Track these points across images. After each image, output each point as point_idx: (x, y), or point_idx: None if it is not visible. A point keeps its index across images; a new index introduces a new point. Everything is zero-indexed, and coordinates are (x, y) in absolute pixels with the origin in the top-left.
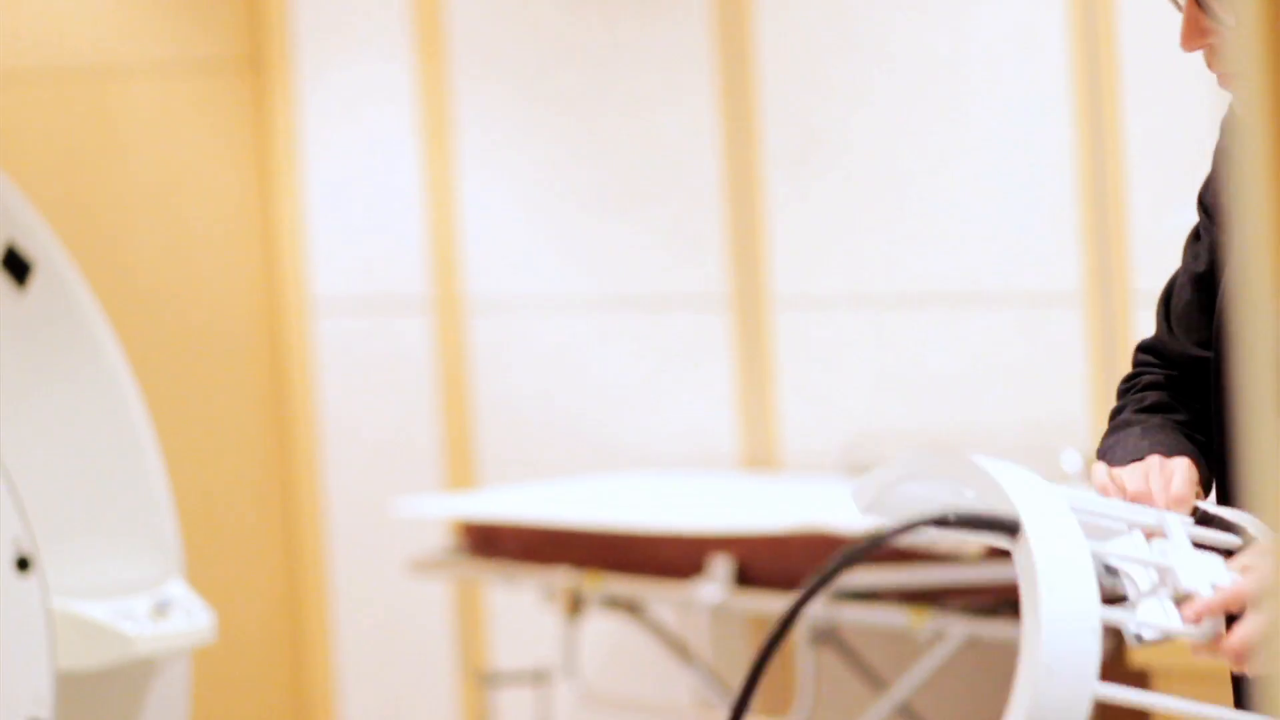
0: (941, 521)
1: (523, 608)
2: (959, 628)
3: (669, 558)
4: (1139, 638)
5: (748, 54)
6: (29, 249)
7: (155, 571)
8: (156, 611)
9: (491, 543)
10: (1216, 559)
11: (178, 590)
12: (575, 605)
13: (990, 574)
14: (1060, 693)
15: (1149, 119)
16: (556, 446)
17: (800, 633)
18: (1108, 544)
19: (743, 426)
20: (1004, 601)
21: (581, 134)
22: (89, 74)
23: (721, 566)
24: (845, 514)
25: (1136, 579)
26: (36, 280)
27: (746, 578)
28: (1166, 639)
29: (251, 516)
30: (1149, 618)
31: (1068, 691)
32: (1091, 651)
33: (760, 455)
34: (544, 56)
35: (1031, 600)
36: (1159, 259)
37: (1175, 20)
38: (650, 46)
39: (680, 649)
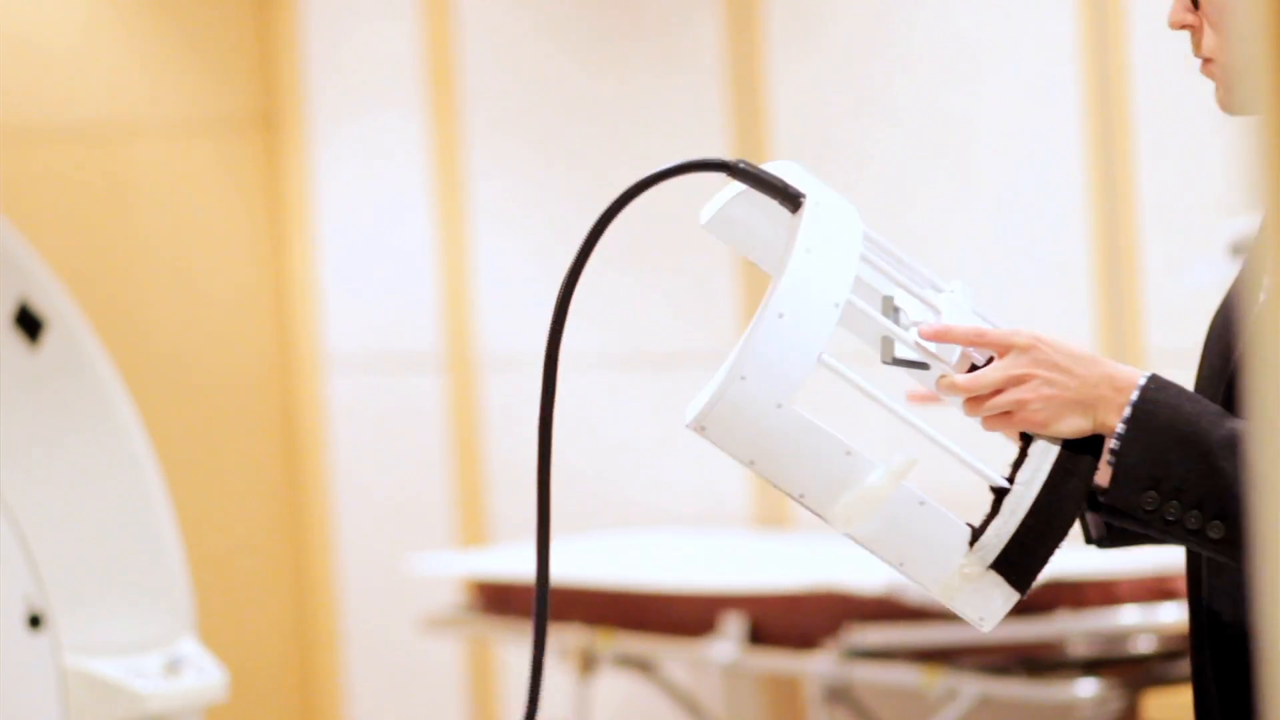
0: (732, 170)
1: None
2: (971, 686)
3: (681, 616)
4: (895, 359)
5: (760, 112)
6: (41, 306)
7: (167, 629)
8: (168, 669)
9: (503, 600)
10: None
11: (190, 648)
12: (587, 663)
13: (1003, 633)
14: (785, 343)
15: (1163, 179)
16: (569, 504)
17: (813, 691)
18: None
19: (755, 485)
20: (1016, 660)
21: (594, 190)
22: (103, 131)
23: (734, 625)
24: (858, 573)
25: (910, 312)
26: (49, 337)
27: (759, 636)
28: (913, 364)
29: (264, 573)
30: (905, 337)
31: (791, 348)
32: (827, 321)
33: (772, 514)
34: (556, 113)
35: (785, 259)
36: (1173, 319)
37: (1183, 60)
38: (663, 103)
39: (692, 708)
